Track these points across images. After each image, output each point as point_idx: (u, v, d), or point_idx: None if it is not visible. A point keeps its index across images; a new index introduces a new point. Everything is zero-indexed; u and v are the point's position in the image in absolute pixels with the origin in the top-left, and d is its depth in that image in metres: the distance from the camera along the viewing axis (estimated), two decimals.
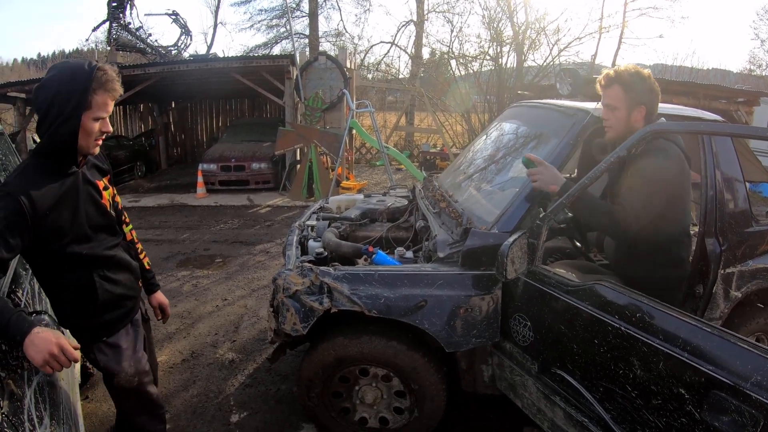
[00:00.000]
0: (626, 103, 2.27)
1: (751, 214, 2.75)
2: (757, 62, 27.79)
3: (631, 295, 1.89)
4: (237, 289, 5.13)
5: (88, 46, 22.79)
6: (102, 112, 1.78)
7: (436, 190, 3.23)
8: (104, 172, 2.05)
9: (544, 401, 2.24)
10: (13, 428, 1.35)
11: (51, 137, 1.74)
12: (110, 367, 2.03)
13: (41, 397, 1.69)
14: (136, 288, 2.18)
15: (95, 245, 1.91)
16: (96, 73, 1.73)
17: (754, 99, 10.45)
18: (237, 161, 10.55)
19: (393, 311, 2.29)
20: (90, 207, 1.90)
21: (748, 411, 1.46)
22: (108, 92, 1.77)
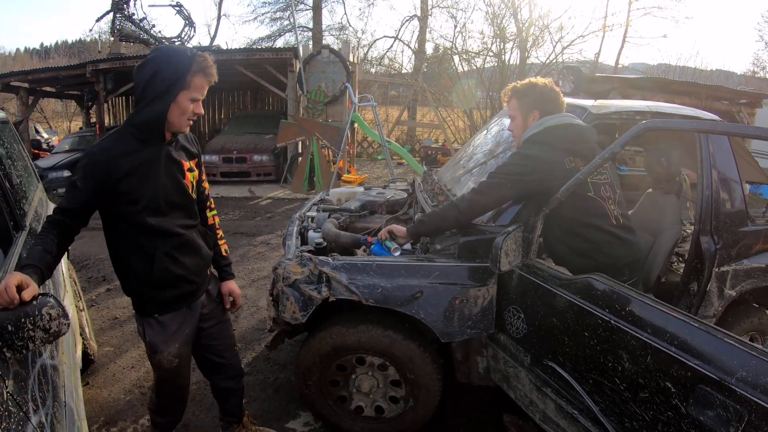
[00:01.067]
0: (521, 112, 2.48)
1: (746, 213, 2.80)
2: (761, 64, 27.73)
3: (622, 289, 1.93)
4: (237, 280, 5.07)
5: (92, 36, 22.82)
6: (198, 94, 1.90)
7: (435, 183, 3.28)
8: (192, 155, 2.14)
9: (537, 393, 2.28)
10: (18, 407, 1.39)
11: (145, 108, 1.86)
12: (154, 344, 2.10)
13: (44, 379, 1.73)
14: (201, 274, 2.21)
15: (168, 220, 1.99)
16: (197, 57, 1.87)
17: (756, 101, 10.50)
18: (239, 153, 10.61)
19: (390, 301, 2.34)
20: (169, 182, 1.98)
21: (733, 406, 1.49)
22: (206, 76, 1.89)
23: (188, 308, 2.17)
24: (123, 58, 11.25)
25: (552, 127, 2.38)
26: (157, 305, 2.07)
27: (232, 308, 2.47)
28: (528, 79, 2.57)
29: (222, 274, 2.42)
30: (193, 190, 2.11)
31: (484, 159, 3.24)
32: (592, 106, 2.70)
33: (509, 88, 2.57)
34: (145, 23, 15.45)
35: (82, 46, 29.04)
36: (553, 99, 2.47)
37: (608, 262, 2.31)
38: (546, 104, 2.45)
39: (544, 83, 2.49)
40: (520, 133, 2.52)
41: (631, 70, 22.17)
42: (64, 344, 2.24)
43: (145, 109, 1.86)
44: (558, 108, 2.48)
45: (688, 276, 2.70)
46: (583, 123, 2.49)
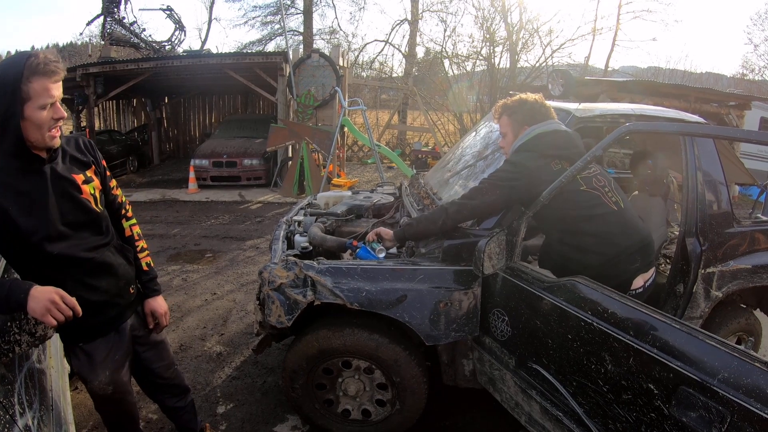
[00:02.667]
0: (512, 128, 2.49)
1: (732, 215, 2.81)
2: (750, 67, 28.00)
3: (604, 292, 1.94)
4: (226, 284, 5.17)
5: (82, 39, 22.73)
6: (45, 99, 1.64)
7: (422, 187, 3.29)
8: (86, 165, 1.93)
9: (522, 395, 2.29)
10: (4, 410, 1.39)
11: (2, 136, 1.66)
12: (83, 374, 1.99)
13: (31, 383, 1.73)
14: (123, 295, 2.05)
15: (72, 245, 1.82)
16: (27, 61, 1.62)
17: (745, 103, 10.58)
18: (229, 157, 10.57)
19: (374, 305, 2.34)
20: (65, 203, 1.80)
21: (715, 407, 1.51)
22: (44, 75, 1.63)
23: (116, 332, 2.03)
24: (113, 61, 11.19)
25: (540, 135, 2.39)
26: (82, 333, 1.93)
27: (156, 329, 2.26)
28: (518, 95, 2.57)
29: (145, 290, 2.22)
30: (97, 203, 1.91)
31: (473, 161, 3.24)
32: (576, 109, 2.72)
33: (500, 105, 2.57)
34: (135, 27, 15.43)
35: (72, 49, 28.89)
36: (543, 113, 2.47)
37: (617, 252, 2.27)
38: (536, 119, 2.46)
39: (534, 99, 2.49)
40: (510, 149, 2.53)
41: (621, 73, 22.32)
42: (51, 348, 2.24)
43: (2, 135, 1.66)
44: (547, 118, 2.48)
45: (675, 277, 2.70)
46: (568, 129, 2.50)
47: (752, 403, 1.43)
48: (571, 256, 2.31)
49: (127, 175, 12.66)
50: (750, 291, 2.99)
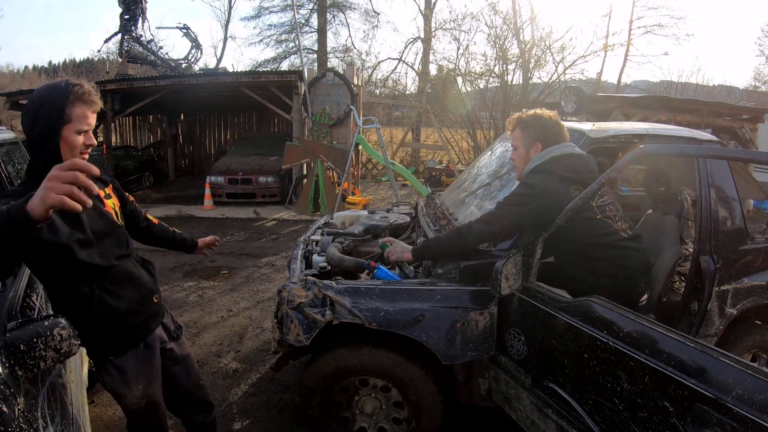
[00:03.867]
0: (524, 142, 2.54)
1: (746, 231, 2.83)
2: (763, 78, 27.86)
3: (619, 311, 1.97)
4: (242, 301, 5.23)
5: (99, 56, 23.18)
6: (83, 125, 1.79)
7: (438, 207, 3.33)
8: (105, 182, 2.07)
9: (538, 414, 2.31)
10: (28, 424, 1.44)
11: (39, 155, 1.80)
12: (116, 390, 2.02)
13: (53, 397, 1.78)
14: (146, 304, 2.10)
15: (97, 252, 1.88)
16: (72, 88, 1.77)
17: (758, 116, 10.50)
18: (244, 174, 10.70)
19: (392, 324, 2.38)
20: (91, 212, 1.89)
21: (729, 424, 1.52)
22: (86, 104, 1.79)
23: (145, 346, 2.08)
24: (131, 79, 11.42)
25: (557, 157, 2.45)
26: (111, 346, 1.98)
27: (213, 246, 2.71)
28: (534, 110, 2.62)
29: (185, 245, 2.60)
30: (117, 217, 2.04)
31: (489, 180, 3.28)
32: (590, 130, 2.76)
33: (514, 118, 2.63)
34: (152, 45, 15.76)
35: (90, 65, 29.43)
36: (556, 132, 2.53)
37: (627, 274, 2.41)
38: (549, 136, 2.51)
39: (549, 116, 2.55)
40: (521, 163, 2.58)
41: (634, 88, 22.33)
42: (71, 363, 2.29)
43: (39, 155, 1.79)
44: (561, 139, 2.54)
45: (689, 295, 2.72)
46: (583, 152, 2.55)
47: (766, 420, 1.44)
48: (583, 278, 2.39)
49: (142, 190, 12.86)
50: (765, 307, 2.98)
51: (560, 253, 2.53)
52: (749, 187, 4.35)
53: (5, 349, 1.51)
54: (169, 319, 2.31)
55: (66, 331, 1.59)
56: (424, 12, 20.24)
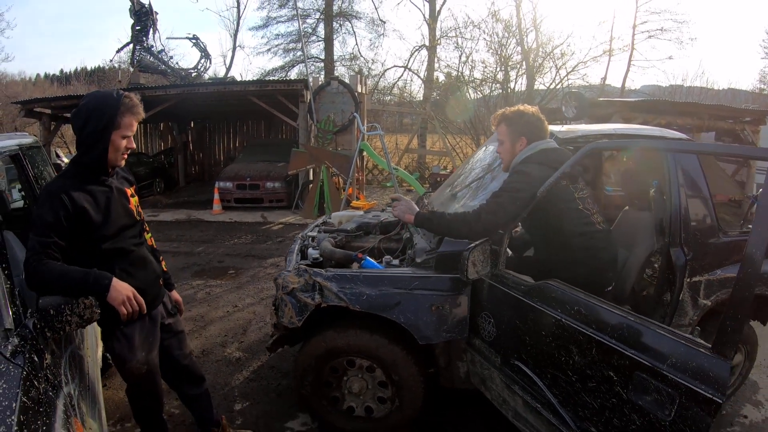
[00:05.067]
0: (509, 137, 2.74)
1: (717, 225, 3.00)
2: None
3: (572, 292, 2.20)
4: (247, 298, 5.50)
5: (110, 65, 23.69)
6: (128, 131, 2.16)
7: (424, 206, 3.58)
8: (131, 183, 2.42)
9: (507, 391, 2.53)
10: (54, 375, 1.71)
11: (87, 151, 2.14)
12: (123, 354, 2.27)
13: (73, 362, 2.06)
14: (155, 285, 2.45)
15: (120, 241, 2.23)
16: (123, 99, 2.13)
17: (760, 118, 10.49)
18: (252, 180, 11.02)
19: (373, 307, 2.63)
20: (120, 210, 2.24)
21: (665, 390, 1.71)
22: (133, 115, 2.16)
23: (150, 318, 2.37)
24: (142, 88, 11.79)
25: (545, 150, 2.68)
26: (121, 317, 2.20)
27: (180, 313, 2.77)
28: (517, 106, 2.84)
29: (168, 285, 2.70)
30: (137, 213, 2.37)
31: (468, 182, 3.51)
32: (559, 131, 2.99)
33: (499, 114, 2.85)
34: (163, 55, 16.18)
35: (101, 73, 29.95)
36: (539, 127, 2.75)
37: (599, 265, 2.63)
38: (532, 131, 2.74)
39: (531, 112, 2.77)
40: (508, 156, 2.81)
41: (640, 92, 22.39)
42: (88, 340, 2.56)
43: (88, 151, 2.12)
44: (543, 134, 2.77)
45: (662, 287, 2.89)
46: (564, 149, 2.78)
47: (697, 385, 1.62)
48: (561, 267, 2.59)
49: (154, 196, 13.18)
50: None
51: (542, 242, 2.74)
52: (723, 183, 4.54)
53: (38, 312, 1.81)
54: (167, 299, 2.64)
55: (89, 300, 1.88)
56: (428, 20, 20.53)
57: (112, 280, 2.02)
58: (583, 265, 2.57)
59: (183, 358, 2.67)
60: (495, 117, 2.86)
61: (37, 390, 1.50)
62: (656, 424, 1.75)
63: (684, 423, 1.66)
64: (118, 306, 2.01)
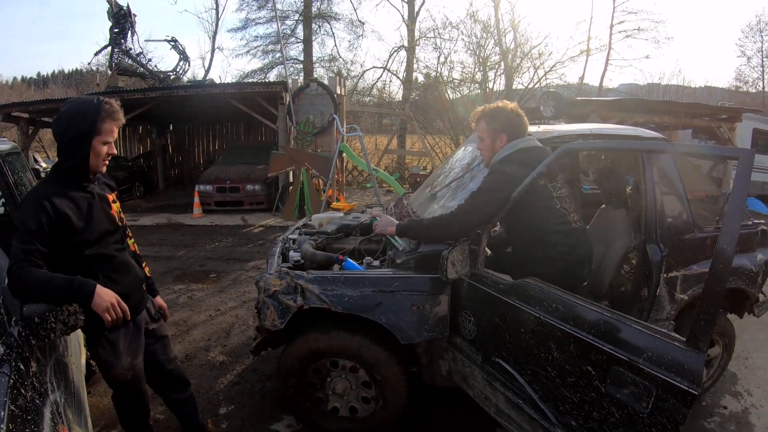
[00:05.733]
0: (489, 134, 2.77)
1: (692, 222, 3.08)
2: (744, 79, 28.37)
3: (549, 289, 2.25)
4: (229, 301, 5.48)
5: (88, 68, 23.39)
6: (109, 137, 2.17)
7: (404, 207, 3.61)
8: (112, 188, 2.42)
9: (489, 388, 2.58)
10: (40, 383, 1.71)
11: (68, 157, 2.14)
12: (108, 361, 2.26)
13: (58, 369, 2.06)
14: (138, 290, 2.44)
15: (103, 246, 2.23)
16: (103, 105, 2.13)
17: (736, 115, 10.72)
18: (232, 183, 10.96)
19: (355, 308, 2.66)
20: (102, 215, 2.25)
21: (642, 383, 1.77)
22: (114, 121, 2.17)
23: (134, 324, 2.36)
24: (121, 91, 11.68)
25: (524, 149, 2.71)
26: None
27: (163, 318, 2.75)
28: (496, 102, 2.85)
29: (151, 291, 2.70)
30: (119, 219, 2.38)
31: (447, 183, 3.55)
32: (536, 131, 3.04)
33: (478, 111, 2.86)
34: (141, 58, 16.01)
35: (79, 76, 29.57)
36: (518, 123, 2.77)
37: (575, 260, 2.68)
38: (512, 127, 2.76)
39: (510, 108, 2.79)
40: (488, 153, 2.83)
41: (618, 91, 22.73)
42: (72, 347, 2.55)
43: (69, 157, 2.13)
44: (523, 131, 2.80)
45: (639, 282, 2.98)
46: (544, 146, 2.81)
47: (673, 377, 1.68)
48: (538, 263, 2.64)
49: (133, 200, 13.06)
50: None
51: (519, 239, 2.78)
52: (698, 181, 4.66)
53: (22, 320, 1.81)
54: (150, 305, 2.63)
55: (73, 307, 1.89)
56: (407, 21, 20.60)
57: (96, 287, 2.03)
58: (560, 261, 2.62)
59: (168, 363, 2.66)
60: (474, 114, 2.87)
61: (24, 398, 1.51)
62: (634, 417, 1.81)
63: (661, 414, 1.71)
64: (102, 313, 2.02)
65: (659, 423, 1.72)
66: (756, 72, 27.97)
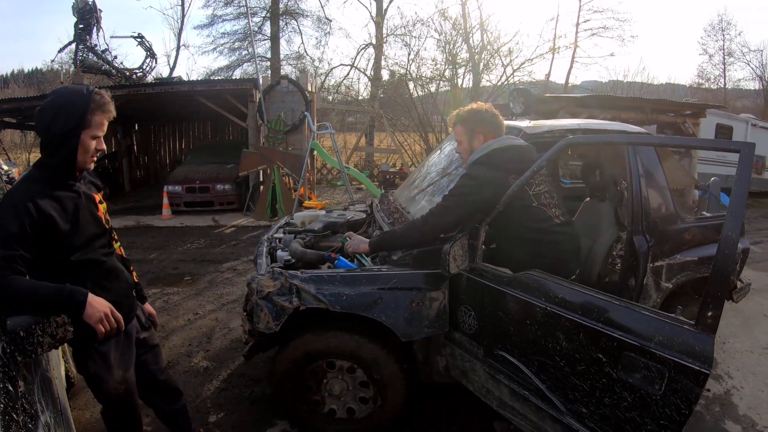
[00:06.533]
0: (466, 136, 2.81)
1: (676, 213, 3.16)
2: (706, 76, 29.34)
3: (554, 280, 2.24)
4: (207, 304, 5.33)
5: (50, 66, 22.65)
6: (98, 131, 2.00)
7: (391, 203, 3.56)
8: (99, 188, 2.26)
9: (491, 381, 2.55)
10: (29, 405, 1.56)
11: (53, 153, 1.95)
12: (99, 374, 2.12)
13: (44, 387, 1.90)
14: (128, 297, 2.29)
15: (90, 251, 2.06)
16: (94, 96, 1.96)
17: (700, 111, 11.04)
18: (202, 183, 10.69)
19: (354, 307, 2.59)
20: (89, 218, 2.08)
21: (654, 366, 1.81)
22: (104, 113, 2.00)
23: (124, 334, 2.21)
24: None
25: (496, 150, 2.70)
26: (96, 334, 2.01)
27: (155, 326, 2.63)
28: (470, 105, 2.88)
29: (140, 297, 2.56)
30: (105, 220, 2.21)
31: (438, 177, 3.52)
32: (526, 127, 3.03)
33: (454, 115, 2.90)
34: (107, 54, 15.52)
35: (40, 75, 28.57)
36: (493, 122, 2.79)
37: (560, 257, 2.68)
38: (487, 127, 2.78)
39: (485, 108, 2.82)
40: (467, 155, 2.84)
41: (582, 88, 23.17)
42: (53, 361, 2.40)
43: (54, 153, 1.95)
44: (499, 129, 2.80)
45: (626, 272, 3.01)
46: (524, 143, 2.81)
47: (685, 359, 1.73)
48: (523, 258, 2.62)
49: None
50: (702, 282, 3.26)
51: (501, 237, 2.79)
52: (679, 175, 4.74)
53: (6, 335, 1.63)
54: (140, 312, 2.49)
55: (61, 318, 1.73)
56: (376, 19, 20.56)
57: (87, 295, 1.88)
58: (545, 257, 2.61)
59: (160, 373, 2.54)
60: (451, 118, 2.92)
61: (17, 423, 1.37)
62: (647, 399, 1.85)
63: (675, 395, 1.77)
64: (95, 324, 1.88)
65: (673, 403, 1.78)
66: (717, 69, 29.10)
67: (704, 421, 3.32)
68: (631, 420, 1.92)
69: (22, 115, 12.00)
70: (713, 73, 29.28)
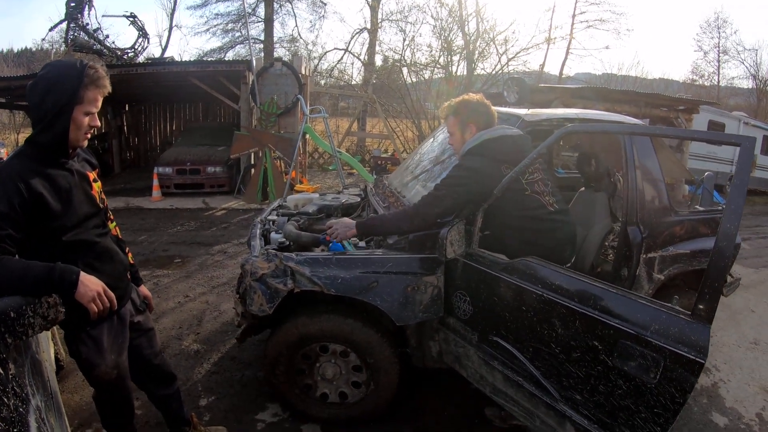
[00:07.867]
0: (458, 127, 2.78)
1: (670, 205, 3.16)
2: (700, 72, 29.50)
3: (551, 267, 2.23)
4: (198, 287, 5.30)
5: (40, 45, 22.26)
6: (92, 107, 1.91)
7: (386, 188, 3.54)
8: (93, 166, 2.17)
9: (485, 367, 2.55)
10: (20, 388, 1.52)
11: (45, 129, 1.86)
12: (91, 359, 2.07)
13: (35, 370, 1.86)
14: (123, 280, 2.23)
15: (83, 231, 1.99)
16: (87, 70, 1.87)
17: (693, 107, 11.12)
18: (192, 165, 10.60)
19: (349, 290, 2.57)
20: (82, 197, 2.00)
21: (650, 355, 1.81)
22: (98, 88, 1.91)
23: (118, 318, 2.17)
24: None
25: (488, 140, 2.67)
26: (88, 317, 1.94)
27: (150, 309, 2.57)
28: (462, 96, 2.86)
29: (135, 279, 2.49)
30: (100, 200, 2.13)
31: (431, 165, 3.51)
32: (525, 114, 3.01)
33: (445, 107, 2.86)
34: (99, 33, 15.32)
35: (30, 55, 28.07)
36: (485, 112, 2.77)
37: (554, 244, 2.65)
38: (479, 117, 2.75)
39: (476, 99, 2.79)
40: (459, 146, 2.81)
41: (576, 80, 23.18)
42: (42, 343, 2.35)
43: (46, 129, 1.87)
44: (491, 119, 2.77)
45: (619, 262, 3.03)
46: (518, 132, 2.78)
47: (680, 348, 1.74)
48: (517, 246, 2.60)
49: None
50: (693, 275, 3.33)
51: (494, 225, 2.77)
52: (674, 168, 4.76)
53: None
54: (135, 294, 2.42)
55: (52, 299, 1.67)
56: (371, 3, 20.36)
57: (79, 274, 1.80)
58: (539, 245, 2.60)
59: (154, 357, 2.49)
60: (442, 109, 2.88)
61: (8, 407, 1.32)
62: (642, 387, 1.86)
63: (669, 384, 1.78)
64: (87, 303, 1.81)
65: (667, 392, 1.79)
66: (712, 66, 29.25)
67: (692, 412, 3.36)
68: (626, 408, 1.92)
69: (11, 94, 11.79)
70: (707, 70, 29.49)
